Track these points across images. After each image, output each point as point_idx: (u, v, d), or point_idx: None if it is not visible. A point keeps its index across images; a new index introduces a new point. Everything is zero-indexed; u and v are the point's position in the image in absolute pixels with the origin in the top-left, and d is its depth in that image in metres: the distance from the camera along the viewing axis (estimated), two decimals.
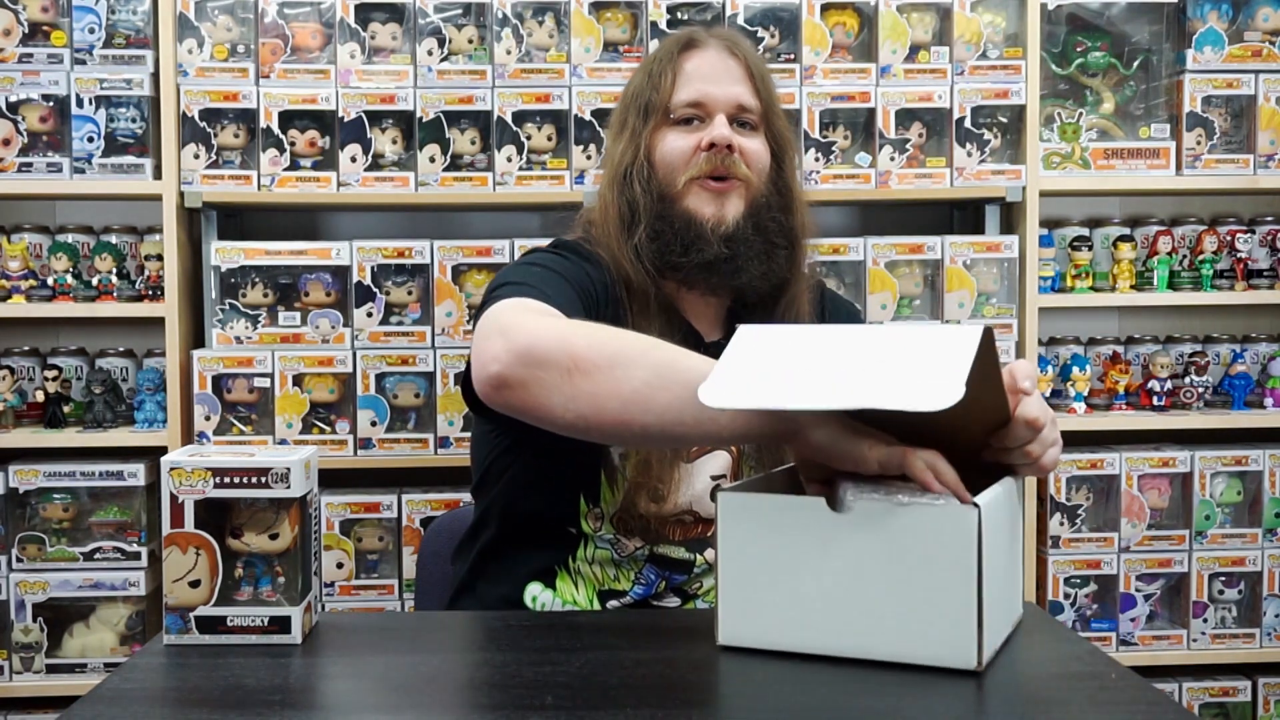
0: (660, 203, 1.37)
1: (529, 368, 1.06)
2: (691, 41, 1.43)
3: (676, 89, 1.39)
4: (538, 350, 1.06)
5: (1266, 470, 2.42)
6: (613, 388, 1.04)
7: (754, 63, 1.42)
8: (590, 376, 1.04)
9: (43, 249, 2.39)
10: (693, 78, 1.39)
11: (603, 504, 1.35)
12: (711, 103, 1.38)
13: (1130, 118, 2.48)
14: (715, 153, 1.35)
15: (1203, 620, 2.41)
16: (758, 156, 1.39)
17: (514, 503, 1.41)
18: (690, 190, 1.37)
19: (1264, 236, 2.51)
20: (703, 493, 1.37)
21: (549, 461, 1.28)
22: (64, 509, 2.27)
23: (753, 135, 1.40)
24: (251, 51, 2.29)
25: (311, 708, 0.94)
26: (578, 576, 1.37)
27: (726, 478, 1.39)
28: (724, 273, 1.36)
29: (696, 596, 1.40)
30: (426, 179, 2.29)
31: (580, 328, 1.12)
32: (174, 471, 1.05)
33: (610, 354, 1.05)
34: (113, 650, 2.27)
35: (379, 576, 2.30)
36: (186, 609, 1.06)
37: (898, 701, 0.92)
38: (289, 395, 2.24)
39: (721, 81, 1.39)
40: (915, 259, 2.34)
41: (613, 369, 1.04)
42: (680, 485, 1.35)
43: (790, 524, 0.96)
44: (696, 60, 1.41)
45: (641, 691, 0.95)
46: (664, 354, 1.07)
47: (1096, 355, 2.53)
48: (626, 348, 1.07)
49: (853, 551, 0.94)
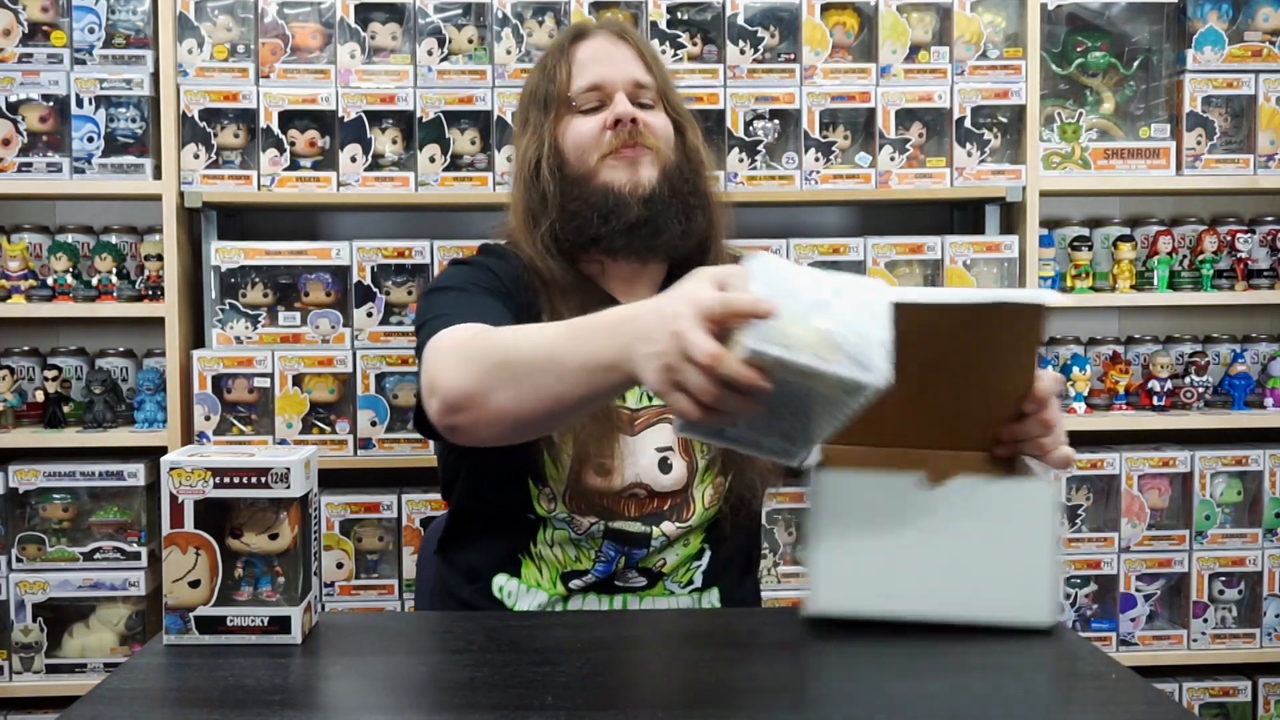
0: (574, 185, 1.42)
1: (459, 413, 1.13)
2: (580, 33, 1.50)
3: (574, 78, 1.46)
4: (453, 399, 1.13)
5: (1266, 470, 2.42)
6: (528, 394, 1.08)
7: (643, 45, 1.49)
8: (505, 392, 1.09)
9: (43, 249, 2.39)
10: (587, 64, 1.46)
11: (551, 483, 1.38)
12: (609, 84, 1.44)
13: (1130, 118, 2.48)
14: (621, 128, 1.42)
15: (1203, 620, 2.41)
16: (662, 128, 1.46)
17: (471, 499, 1.46)
18: (603, 165, 1.42)
19: (1264, 236, 2.51)
20: (649, 466, 1.38)
21: (493, 452, 1.29)
22: (64, 509, 2.27)
23: (652, 111, 1.46)
24: (251, 51, 2.29)
25: (311, 708, 0.94)
26: (540, 561, 1.40)
27: (673, 449, 1.40)
28: (645, 235, 1.41)
29: (662, 575, 1.41)
30: (426, 179, 2.29)
31: (482, 349, 1.14)
32: (174, 471, 1.05)
33: (516, 366, 1.09)
34: (113, 650, 2.27)
35: (379, 576, 2.30)
36: (186, 609, 1.06)
37: (896, 700, 0.92)
38: (289, 395, 2.24)
39: (615, 63, 1.46)
40: (915, 259, 2.34)
41: (518, 379, 1.08)
42: (625, 459, 1.37)
43: (883, 499, 1.05)
44: (588, 48, 1.47)
45: (641, 691, 0.95)
46: (548, 333, 1.10)
47: (1096, 355, 2.53)
48: (522, 351, 1.11)
49: (941, 522, 1.04)
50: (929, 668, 1.01)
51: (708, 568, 1.42)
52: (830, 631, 1.14)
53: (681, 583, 1.41)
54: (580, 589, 1.38)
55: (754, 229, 2.52)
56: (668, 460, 1.39)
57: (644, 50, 1.49)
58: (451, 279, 1.40)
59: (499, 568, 1.41)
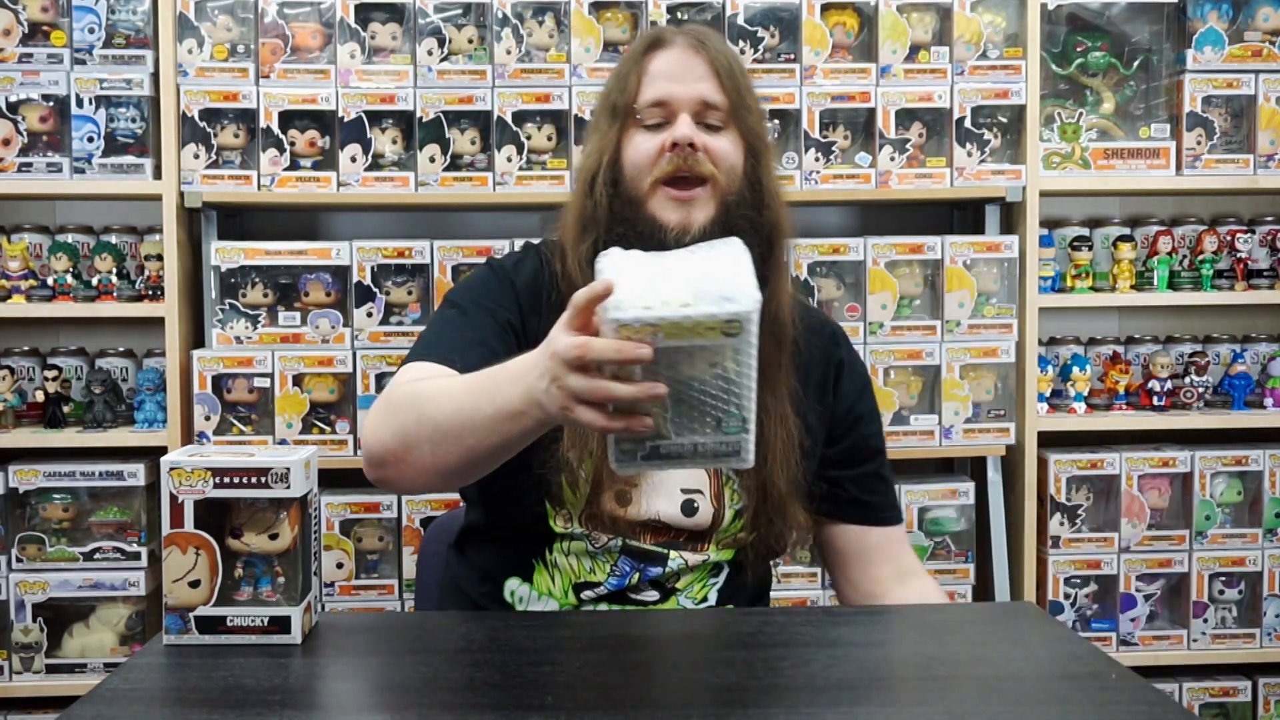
0: (627, 206, 1.37)
1: (383, 468, 1.22)
2: (657, 40, 1.42)
3: (642, 89, 1.38)
4: (376, 455, 1.22)
5: (1266, 470, 2.41)
6: (445, 449, 1.15)
7: (721, 58, 1.40)
8: (424, 448, 1.16)
9: (43, 249, 2.39)
10: (657, 77, 1.38)
11: (568, 505, 1.36)
12: (675, 101, 1.36)
13: (1130, 118, 2.48)
14: (678, 152, 1.34)
15: (1203, 620, 2.41)
16: (725, 154, 1.37)
17: (487, 507, 1.45)
18: (655, 193, 1.36)
19: (1264, 236, 2.51)
20: (671, 505, 1.36)
21: (508, 472, 1.28)
22: (64, 509, 2.27)
23: (720, 133, 1.38)
24: (251, 51, 2.29)
25: (311, 708, 0.94)
26: (554, 570, 1.38)
27: (703, 493, 1.37)
28: None
29: (676, 591, 1.39)
30: (426, 179, 2.29)
31: (405, 407, 1.20)
32: (174, 471, 1.05)
33: (436, 423, 1.15)
34: (113, 650, 2.27)
35: (379, 576, 2.30)
36: (186, 609, 1.06)
37: (896, 700, 0.92)
38: (289, 395, 2.24)
39: (685, 79, 1.38)
40: (915, 259, 2.34)
41: (437, 436, 1.15)
42: (645, 490, 1.35)
43: None
44: (661, 59, 1.40)
45: (642, 691, 0.95)
46: (460, 393, 1.15)
47: (1096, 355, 2.53)
48: (441, 408, 1.16)
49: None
50: (928, 668, 1.01)
51: (723, 586, 1.40)
52: (830, 632, 1.14)
53: (695, 599, 1.39)
54: (592, 599, 1.36)
55: None
56: (694, 503, 1.37)
57: (721, 64, 1.39)
58: (464, 294, 1.42)
59: (512, 571, 1.39)
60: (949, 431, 2.34)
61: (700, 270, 0.95)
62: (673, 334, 0.90)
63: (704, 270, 0.94)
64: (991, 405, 2.37)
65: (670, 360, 0.91)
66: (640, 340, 0.90)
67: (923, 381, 2.37)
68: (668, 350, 0.91)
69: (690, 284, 0.92)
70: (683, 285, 0.92)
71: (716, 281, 0.92)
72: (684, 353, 0.91)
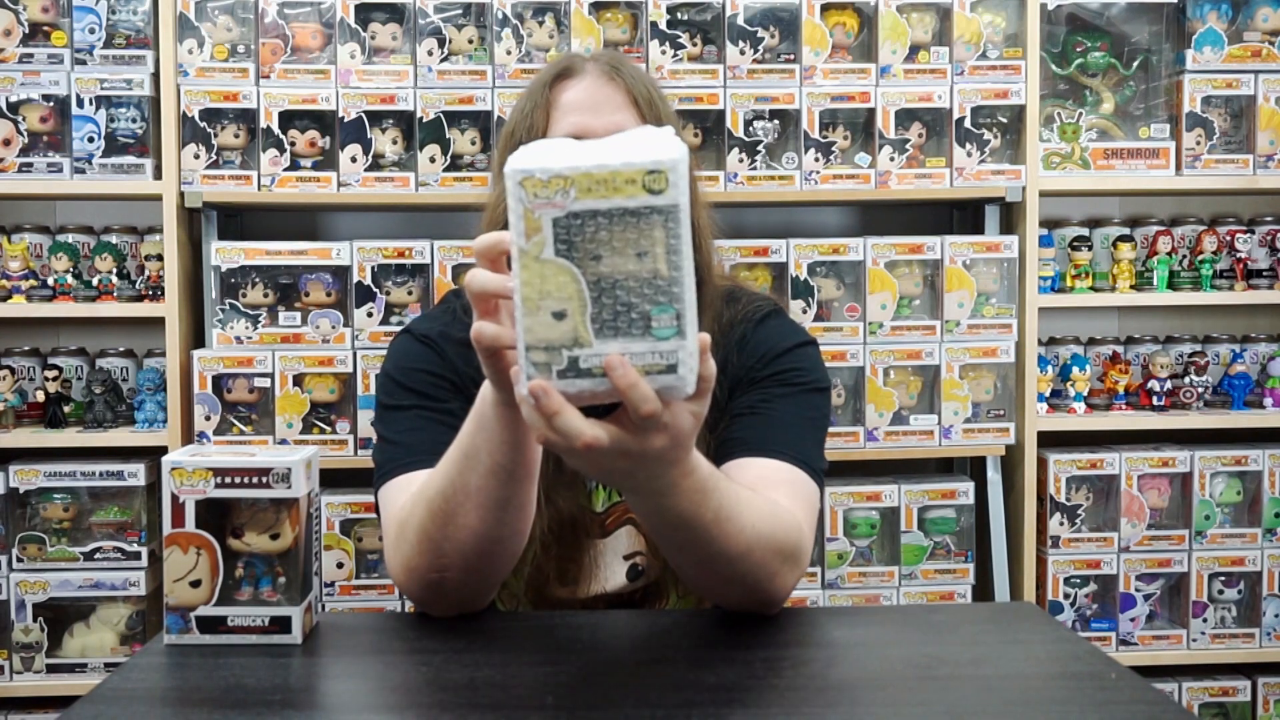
0: None
1: (431, 605, 1.17)
2: (567, 70, 1.31)
3: (551, 124, 1.27)
4: (410, 589, 1.16)
5: (1266, 470, 2.42)
6: (466, 533, 1.08)
7: (639, 85, 1.30)
8: (448, 550, 1.10)
9: (43, 249, 2.39)
10: (568, 110, 1.28)
11: (510, 587, 1.33)
12: (591, 134, 1.22)
13: (1130, 118, 2.48)
14: None
15: (1202, 620, 2.42)
16: None
17: None
18: None
19: (1264, 236, 2.51)
20: (618, 576, 1.34)
21: None
22: (64, 509, 2.27)
23: None
24: (251, 51, 2.29)
25: (311, 708, 0.94)
26: None
27: (643, 552, 1.33)
28: None
29: None
30: (426, 179, 2.29)
31: (411, 527, 1.13)
32: (175, 471, 1.05)
33: (446, 513, 1.09)
34: (113, 650, 2.27)
35: (379, 576, 2.30)
36: (187, 609, 1.06)
37: (895, 700, 0.92)
38: (289, 395, 2.24)
39: (601, 110, 1.27)
40: (915, 259, 2.34)
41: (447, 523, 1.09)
42: (595, 568, 1.31)
43: None
44: (572, 90, 1.29)
45: (642, 691, 0.95)
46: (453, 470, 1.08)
47: (1096, 355, 2.53)
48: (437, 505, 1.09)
49: None
50: (928, 668, 1.01)
51: None
52: (830, 632, 1.14)
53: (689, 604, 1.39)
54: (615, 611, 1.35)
55: (754, 229, 2.52)
56: (638, 566, 1.33)
57: (639, 92, 1.30)
58: (392, 391, 1.34)
59: None
60: (948, 431, 2.34)
61: (619, 138, 0.84)
62: (586, 191, 0.79)
63: (623, 137, 0.84)
64: (991, 405, 2.37)
65: (588, 242, 0.80)
66: (549, 202, 0.79)
67: (922, 381, 2.37)
68: (585, 230, 0.79)
69: (605, 144, 0.82)
70: (597, 145, 0.81)
71: (635, 138, 0.82)
72: (603, 231, 0.79)
